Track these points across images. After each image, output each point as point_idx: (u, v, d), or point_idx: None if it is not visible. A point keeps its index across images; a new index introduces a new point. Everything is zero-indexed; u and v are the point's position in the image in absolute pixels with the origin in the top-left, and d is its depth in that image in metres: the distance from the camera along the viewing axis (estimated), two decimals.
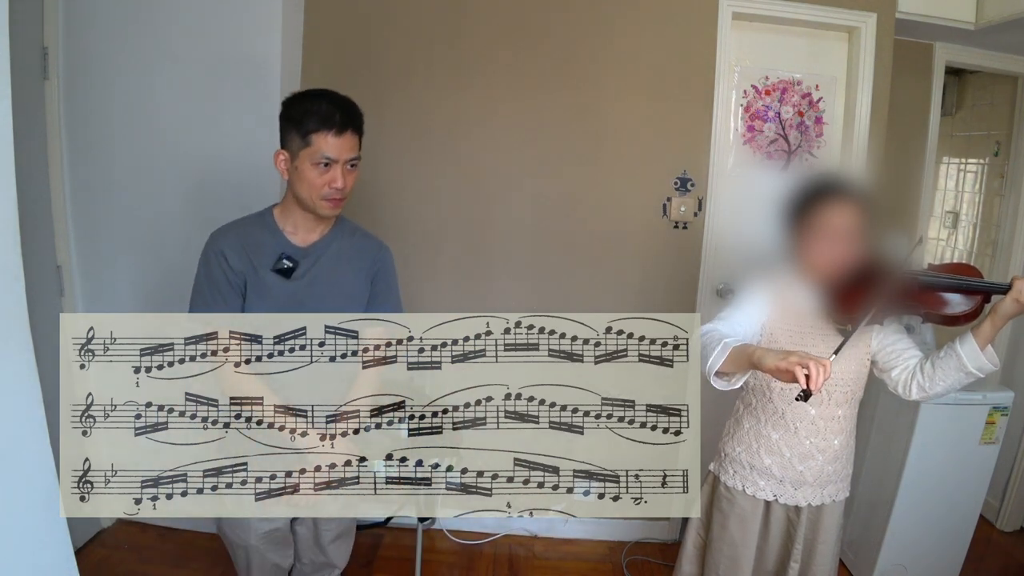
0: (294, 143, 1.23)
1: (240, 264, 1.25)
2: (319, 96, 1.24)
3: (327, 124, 1.21)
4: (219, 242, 1.27)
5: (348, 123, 1.24)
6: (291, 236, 1.30)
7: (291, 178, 1.26)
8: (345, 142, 1.24)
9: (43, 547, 1.04)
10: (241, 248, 1.26)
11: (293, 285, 1.26)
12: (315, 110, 1.21)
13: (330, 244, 1.33)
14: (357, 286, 1.33)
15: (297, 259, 1.28)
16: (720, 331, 1.21)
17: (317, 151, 1.21)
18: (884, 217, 1.35)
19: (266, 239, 1.29)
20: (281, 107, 1.26)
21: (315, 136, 1.21)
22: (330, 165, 1.23)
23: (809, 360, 1.00)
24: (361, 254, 1.36)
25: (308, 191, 1.24)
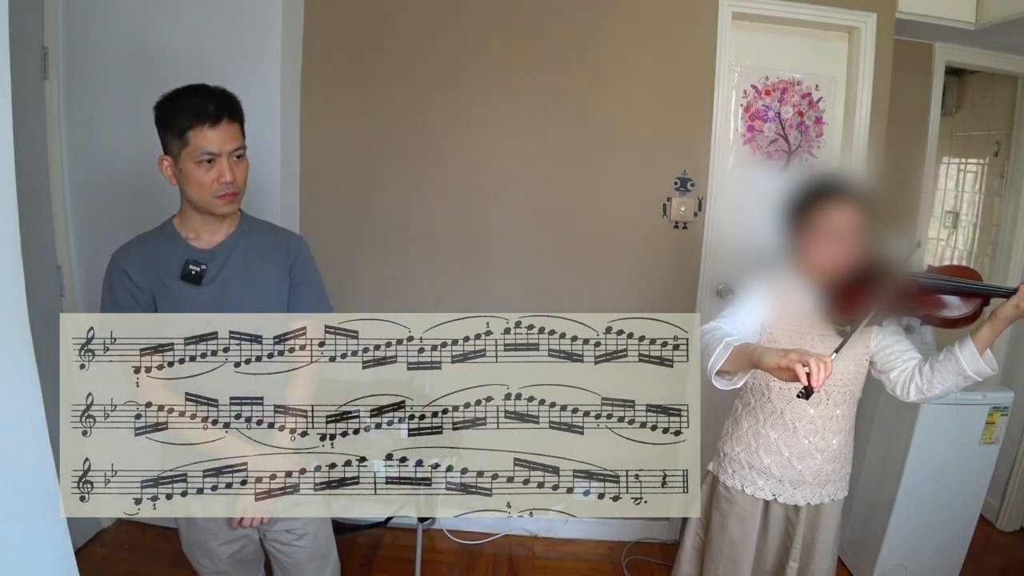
0: (173, 145, 1.17)
1: (145, 280, 1.19)
2: (188, 92, 1.18)
3: (201, 117, 1.14)
4: (120, 261, 1.21)
5: (223, 111, 1.16)
6: (194, 242, 1.24)
7: (179, 183, 1.20)
8: (224, 133, 1.16)
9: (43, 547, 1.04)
10: (144, 262, 1.21)
11: (205, 291, 1.21)
12: (186, 106, 1.15)
13: (237, 242, 1.26)
14: (274, 281, 1.27)
15: (204, 262, 1.22)
16: (722, 330, 1.21)
17: (197, 148, 1.15)
18: (884, 217, 1.35)
19: (168, 249, 1.23)
20: (154, 111, 1.19)
21: (191, 133, 1.14)
22: (214, 160, 1.16)
23: (810, 357, 1.00)
24: (272, 247, 1.29)
25: (198, 192, 1.18)
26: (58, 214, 2.00)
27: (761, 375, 1.35)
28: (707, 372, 1.16)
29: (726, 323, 1.26)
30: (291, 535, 1.30)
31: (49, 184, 1.96)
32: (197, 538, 1.27)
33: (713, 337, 1.17)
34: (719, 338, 1.16)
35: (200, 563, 1.30)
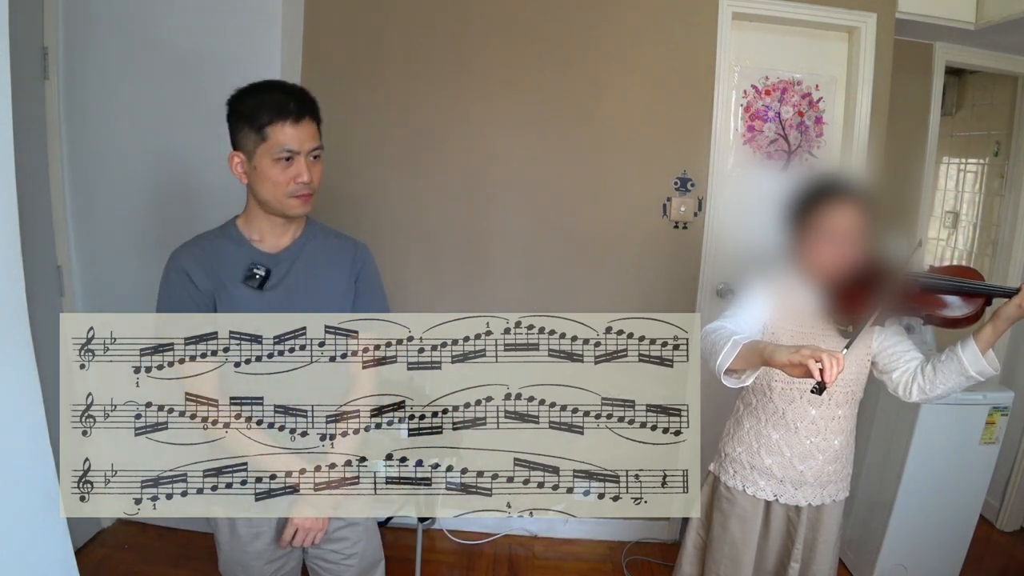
0: (248, 140, 1.12)
1: (206, 282, 1.15)
2: (269, 87, 1.14)
3: (283, 114, 1.10)
4: (180, 260, 1.16)
5: (305, 110, 1.13)
6: (259, 244, 1.20)
7: (251, 180, 1.15)
8: (305, 131, 1.13)
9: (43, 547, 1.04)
10: (205, 264, 1.16)
11: (268, 296, 1.16)
12: (267, 101, 1.11)
13: (303, 247, 1.22)
14: (340, 289, 1.23)
15: (269, 266, 1.17)
16: (727, 328, 1.21)
17: (276, 144, 1.11)
18: (884, 217, 1.35)
19: (231, 251, 1.18)
20: (228, 105, 1.16)
21: (271, 128, 1.10)
22: (292, 158, 1.12)
23: (822, 353, 0.99)
24: (339, 254, 1.25)
25: (272, 190, 1.13)
26: (58, 214, 2.00)
27: (763, 375, 1.35)
28: (715, 370, 1.15)
29: (730, 323, 1.25)
30: (339, 555, 1.27)
31: (49, 184, 1.96)
32: (239, 556, 1.22)
33: (719, 336, 1.17)
34: (726, 336, 1.15)
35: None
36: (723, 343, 1.14)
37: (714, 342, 1.17)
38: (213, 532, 1.25)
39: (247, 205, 1.21)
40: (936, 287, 1.26)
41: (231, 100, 1.15)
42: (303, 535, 1.18)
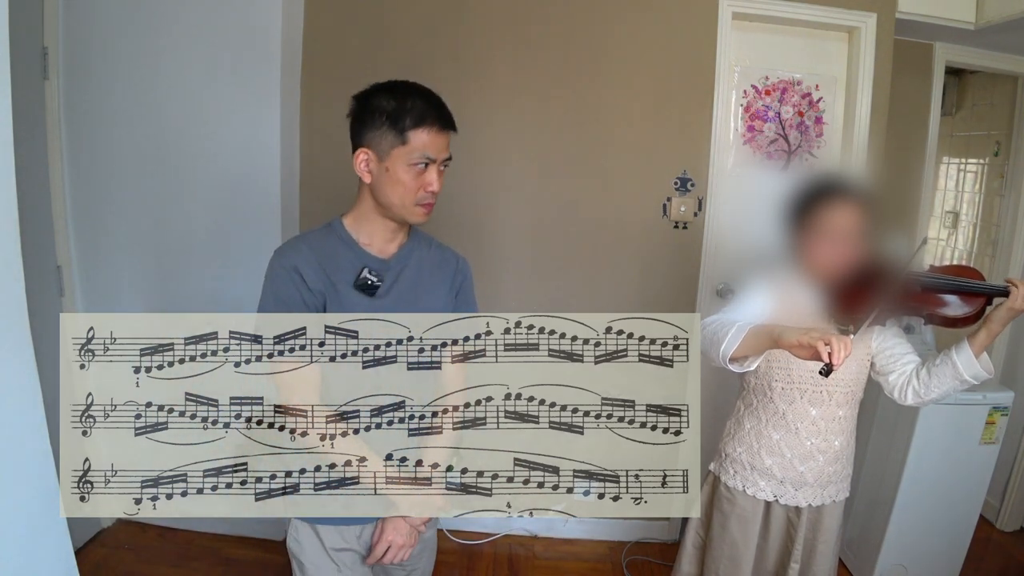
0: (384, 140, 1.08)
1: (318, 281, 1.10)
2: (411, 91, 1.12)
3: (428, 120, 1.09)
4: (290, 257, 1.11)
5: (447, 120, 1.13)
6: (368, 248, 1.16)
7: (376, 181, 1.11)
8: (444, 140, 1.12)
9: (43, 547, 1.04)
10: (317, 263, 1.11)
11: (377, 303, 1.13)
12: (412, 105, 1.09)
13: (410, 255, 1.19)
14: (442, 300, 1.21)
15: (380, 273, 1.14)
16: (728, 317, 1.21)
17: (416, 149, 1.08)
18: (885, 218, 1.35)
19: (342, 252, 1.14)
20: (359, 101, 1.13)
21: (415, 133, 1.08)
22: (428, 165, 1.10)
23: (831, 336, 1.00)
24: (443, 266, 1.24)
25: (401, 195, 1.10)
26: (58, 214, 2.00)
27: (764, 375, 1.35)
28: (719, 357, 1.16)
29: (729, 315, 1.25)
30: (403, 571, 1.26)
31: (49, 184, 1.96)
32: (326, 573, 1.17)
33: (721, 324, 1.18)
34: (728, 323, 1.16)
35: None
36: (726, 330, 1.15)
37: (715, 331, 1.18)
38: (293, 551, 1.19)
39: (359, 206, 1.17)
40: (935, 286, 1.26)
41: (365, 95, 1.12)
42: (395, 552, 1.16)
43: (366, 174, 1.12)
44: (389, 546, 1.16)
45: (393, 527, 1.16)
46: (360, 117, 1.12)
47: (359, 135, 1.12)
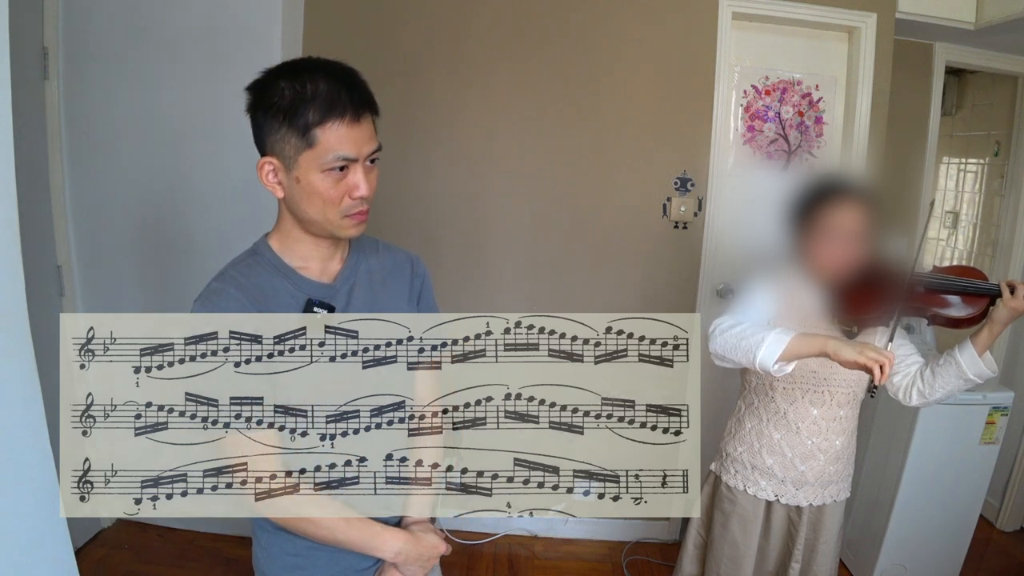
0: (288, 145, 0.87)
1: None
2: (309, 68, 0.88)
3: (336, 110, 0.85)
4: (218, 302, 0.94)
5: (362, 103, 0.89)
6: (304, 273, 0.98)
7: (290, 195, 0.91)
8: (363, 131, 0.89)
9: (43, 547, 1.04)
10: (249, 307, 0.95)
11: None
12: (312, 93, 0.85)
13: (356, 269, 1.02)
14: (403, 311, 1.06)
15: (329, 302, 0.96)
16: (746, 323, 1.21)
17: (327, 151, 0.86)
18: (885, 217, 1.35)
19: (278, 283, 0.96)
20: (251, 95, 0.89)
21: (321, 130, 0.85)
22: (347, 167, 0.88)
23: (883, 356, 1.04)
24: (396, 271, 1.08)
25: (322, 209, 0.90)
26: (58, 214, 2.00)
27: (765, 375, 1.34)
28: (754, 362, 1.15)
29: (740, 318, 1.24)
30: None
31: (49, 184, 1.97)
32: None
33: (746, 330, 1.17)
34: (758, 328, 1.16)
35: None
36: (759, 334, 1.15)
37: (741, 336, 1.17)
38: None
39: (281, 224, 0.99)
40: (939, 287, 1.26)
41: (257, 86, 0.89)
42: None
43: (276, 187, 0.92)
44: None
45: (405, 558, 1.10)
46: (256, 115, 0.89)
47: (260, 139, 0.90)
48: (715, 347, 1.21)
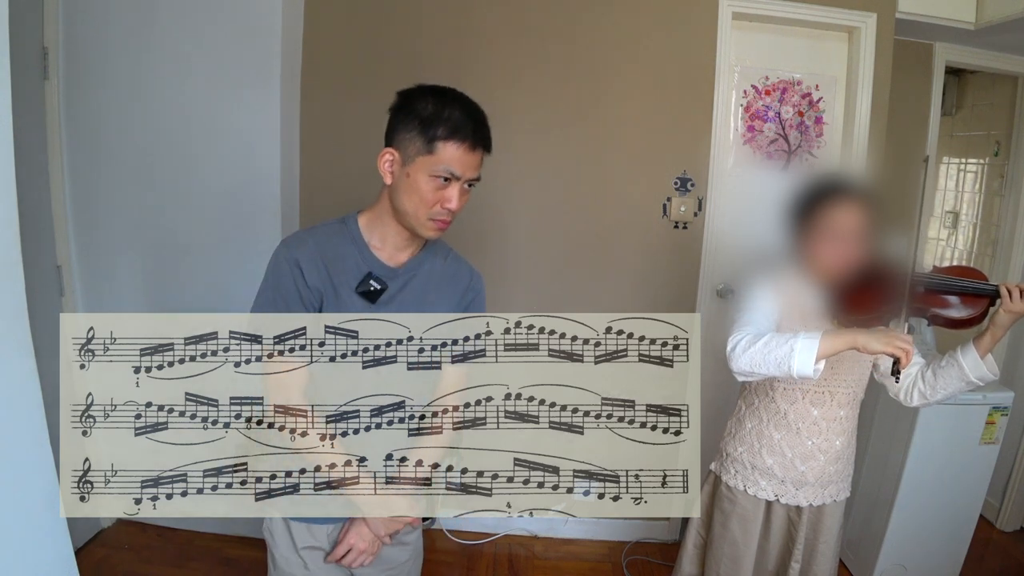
0: (412, 146, 1.04)
1: (318, 280, 1.07)
2: (453, 99, 1.06)
3: (460, 134, 1.03)
4: (293, 250, 1.08)
5: (482, 139, 1.06)
6: (377, 252, 1.12)
7: (396, 184, 1.07)
8: (474, 159, 1.06)
9: (43, 547, 1.04)
10: (320, 261, 1.08)
11: (377, 310, 1.10)
12: (448, 115, 1.03)
13: (421, 266, 1.16)
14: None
15: (386, 281, 1.10)
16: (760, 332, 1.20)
17: (441, 162, 1.03)
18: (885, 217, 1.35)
19: (350, 252, 1.10)
20: (400, 97, 1.07)
21: (443, 144, 1.02)
22: (450, 181, 1.05)
23: (908, 343, 1.08)
24: (454, 280, 1.20)
25: (416, 205, 1.06)
26: (58, 214, 2.00)
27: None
28: (790, 371, 1.13)
29: (755, 328, 1.23)
30: (384, 573, 1.25)
31: (49, 184, 1.96)
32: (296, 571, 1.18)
33: (768, 342, 1.15)
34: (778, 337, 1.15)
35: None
36: (785, 343, 1.13)
37: (767, 349, 1.15)
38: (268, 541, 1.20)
39: (376, 205, 1.14)
40: (939, 287, 1.26)
41: (407, 94, 1.07)
42: (354, 556, 1.16)
43: (388, 174, 1.08)
44: (349, 549, 1.16)
45: (356, 532, 1.16)
46: (396, 115, 1.08)
47: (391, 133, 1.08)
48: (740, 366, 1.19)
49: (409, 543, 1.28)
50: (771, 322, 1.29)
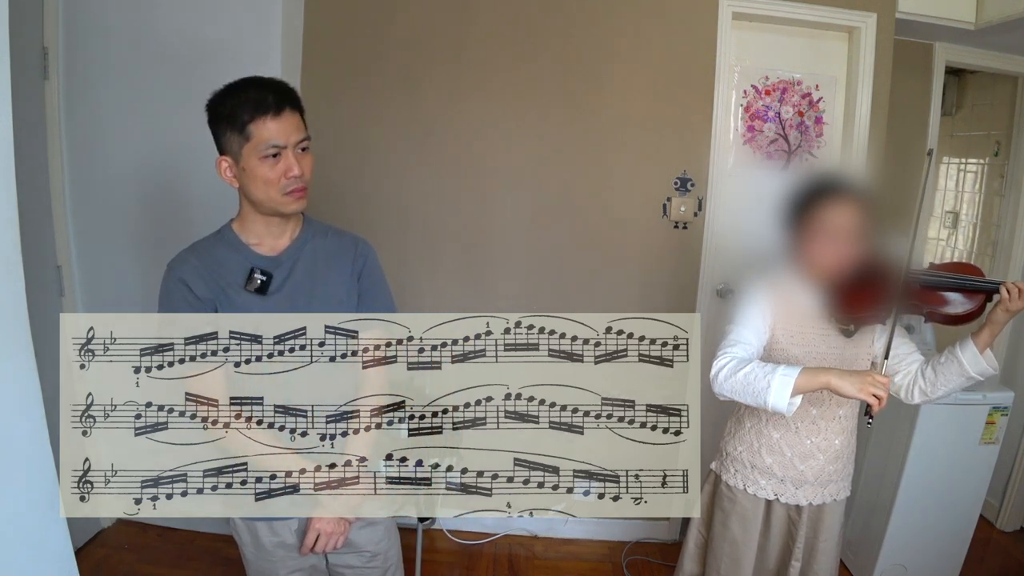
0: (233, 142, 1.09)
1: (206, 290, 1.12)
2: (243, 85, 1.11)
3: (262, 108, 1.08)
4: (177, 271, 1.13)
5: (284, 101, 1.10)
6: (257, 248, 1.17)
7: (242, 183, 1.13)
8: (288, 123, 1.10)
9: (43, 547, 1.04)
10: (204, 272, 1.13)
11: (271, 301, 1.14)
12: (245, 99, 1.08)
13: (303, 247, 1.20)
14: (343, 288, 1.21)
15: (269, 270, 1.15)
16: (744, 357, 1.22)
17: (261, 141, 1.08)
18: (884, 216, 1.35)
19: (230, 257, 1.15)
20: (207, 110, 1.13)
21: (254, 126, 1.07)
22: (279, 153, 1.10)
23: (880, 387, 1.10)
24: (340, 252, 1.23)
25: (264, 190, 1.11)
26: (58, 214, 2.00)
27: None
28: (764, 405, 1.16)
29: (740, 349, 1.25)
30: (361, 557, 1.26)
31: (49, 184, 1.96)
32: (266, 566, 1.22)
33: (749, 374, 1.17)
34: (760, 367, 1.17)
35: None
36: (763, 377, 1.15)
37: (747, 381, 1.17)
38: (237, 544, 1.24)
39: (241, 209, 1.18)
40: (935, 284, 1.26)
41: (209, 104, 1.12)
42: (324, 540, 1.17)
43: (232, 180, 1.13)
44: (318, 535, 1.17)
45: (319, 515, 1.17)
46: (211, 126, 1.13)
47: (218, 144, 1.13)
48: (722, 392, 1.21)
49: (380, 522, 1.28)
50: (761, 338, 1.30)
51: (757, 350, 1.28)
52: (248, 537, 1.21)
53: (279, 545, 1.20)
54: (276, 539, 1.20)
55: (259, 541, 1.20)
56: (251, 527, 1.20)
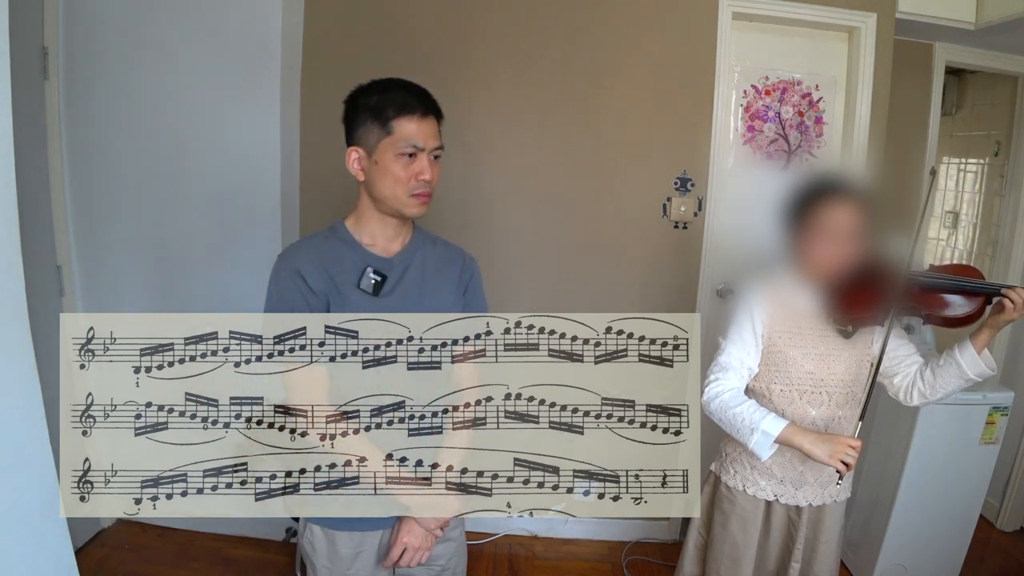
0: (371, 135, 1.09)
1: (321, 283, 1.11)
2: (393, 85, 1.13)
3: (410, 108, 1.09)
4: (292, 260, 1.12)
5: (430, 108, 1.12)
6: (370, 247, 1.16)
7: (369, 178, 1.12)
8: (430, 127, 1.11)
9: (43, 547, 1.04)
10: (320, 265, 1.11)
11: (381, 302, 1.13)
12: (393, 97, 1.10)
13: (414, 253, 1.19)
14: (449, 298, 1.20)
15: (384, 272, 1.14)
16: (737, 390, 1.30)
17: (401, 138, 1.08)
18: (884, 217, 1.35)
19: (345, 253, 1.14)
20: (347, 103, 1.15)
21: (398, 122, 1.08)
22: (416, 154, 1.09)
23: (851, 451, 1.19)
24: (449, 263, 1.23)
25: (393, 187, 1.10)
26: (58, 214, 2.00)
27: (764, 375, 1.34)
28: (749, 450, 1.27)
29: (734, 375, 1.31)
30: (430, 571, 1.24)
31: (49, 184, 1.96)
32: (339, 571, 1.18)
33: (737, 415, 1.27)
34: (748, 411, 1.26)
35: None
36: (748, 423, 1.25)
37: (733, 421, 1.28)
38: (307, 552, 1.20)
39: (358, 206, 1.17)
40: (935, 286, 1.26)
41: (352, 95, 1.14)
42: (411, 554, 1.15)
43: (359, 172, 1.13)
44: (404, 548, 1.15)
45: (407, 529, 1.16)
46: (349, 118, 1.14)
47: (349, 135, 1.14)
48: (711, 415, 1.31)
49: (454, 538, 1.27)
50: (753, 355, 1.32)
51: (750, 369, 1.33)
52: (324, 546, 1.18)
53: (357, 556, 1.18)
54: (355, 550, 1.18)
55: (336, 551, 1.17)
56: (330, 536, 1.17)
